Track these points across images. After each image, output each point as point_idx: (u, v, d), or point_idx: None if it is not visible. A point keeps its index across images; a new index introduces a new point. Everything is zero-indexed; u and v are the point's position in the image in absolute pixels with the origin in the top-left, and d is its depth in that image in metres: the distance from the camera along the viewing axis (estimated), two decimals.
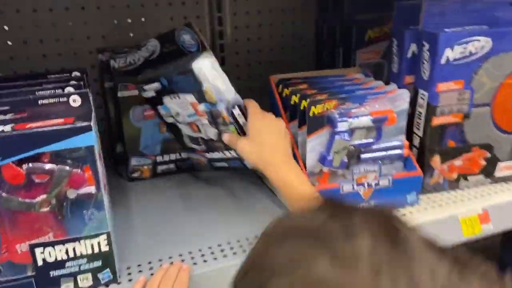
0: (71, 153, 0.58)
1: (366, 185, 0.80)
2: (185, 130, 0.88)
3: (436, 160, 0.86)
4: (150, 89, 0.83)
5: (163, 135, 0.95)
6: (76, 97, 0.62)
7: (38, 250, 0.60)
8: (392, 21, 0.94)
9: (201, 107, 0.78)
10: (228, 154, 0.85)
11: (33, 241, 0.60)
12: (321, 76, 0.94)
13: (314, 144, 0.79)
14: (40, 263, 0.61)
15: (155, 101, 0.85)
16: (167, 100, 0.83)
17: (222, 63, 1.08)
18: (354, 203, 0.47)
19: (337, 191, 0.80)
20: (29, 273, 0.61)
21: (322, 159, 0.80)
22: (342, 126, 0.78)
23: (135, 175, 0.97)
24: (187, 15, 1.16)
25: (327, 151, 0.79)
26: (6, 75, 0.93)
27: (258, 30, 1.25)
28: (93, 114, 0.62)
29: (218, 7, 1.19)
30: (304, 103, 0.79)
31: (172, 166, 1.00)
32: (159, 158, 0.98)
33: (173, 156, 0.99)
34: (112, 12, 1.09)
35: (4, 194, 0.57)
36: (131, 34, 1.12)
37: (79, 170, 0.59)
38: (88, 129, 0.57)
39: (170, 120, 0.88)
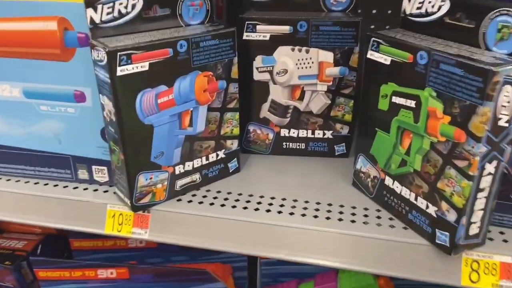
0: None
1: None
2: (277, 94, 0.73)
3: None
4: (268, 31, 0.70)
5: (185, 132, 0.64)
6: None
7: None
8: None
9: (332, 71, 0.69)
10: (317, 134, 0.75)
11: None
12: None
13: None
14: None
15: (261, 47, 0.70)
16: (283, 50, 0.69)
17: None
18: None
19: None
20: None
21: None
22: None
23: (144, 200, 0.64)
24: None
25: None
26: None
27: None
28: None
29: None
30: None
31: (196, 176, 0.69)
32: (179, 169, 0.66)
33: (197, 163, 0.68)
34: None
35: None
36: None
37: None
38: None
39: (260, 76, 0.72)
